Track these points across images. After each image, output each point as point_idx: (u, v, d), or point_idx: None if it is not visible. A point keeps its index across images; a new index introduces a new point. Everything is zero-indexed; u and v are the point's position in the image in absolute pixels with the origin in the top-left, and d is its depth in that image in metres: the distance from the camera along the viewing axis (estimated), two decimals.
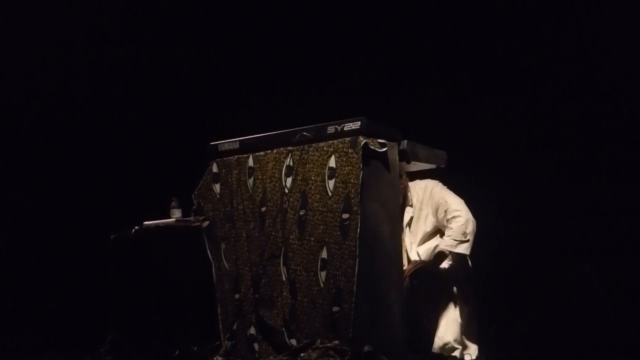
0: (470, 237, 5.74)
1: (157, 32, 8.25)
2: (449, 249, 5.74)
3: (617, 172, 6.89)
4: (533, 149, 7.11)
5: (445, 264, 5.78)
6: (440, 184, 5.94)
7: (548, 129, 7.10)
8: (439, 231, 5.91)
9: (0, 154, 8.37)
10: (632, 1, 6.87)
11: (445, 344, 5.74)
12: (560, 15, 7.07)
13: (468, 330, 5.81)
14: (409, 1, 7.47)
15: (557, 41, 7.09)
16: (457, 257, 5.78)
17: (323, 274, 5.27)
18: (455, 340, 5.74)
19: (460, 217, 5.75)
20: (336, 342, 5.12)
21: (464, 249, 5.75)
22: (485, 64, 7.23)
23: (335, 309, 5.20)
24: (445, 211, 5.80)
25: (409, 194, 5.90)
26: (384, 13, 7.56)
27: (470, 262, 5.89)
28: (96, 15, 8.18)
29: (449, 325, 5.75)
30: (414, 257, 5.85)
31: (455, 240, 5.73)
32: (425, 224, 5.90)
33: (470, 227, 5.74)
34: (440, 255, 5.77)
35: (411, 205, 5.90)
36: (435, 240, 5.88)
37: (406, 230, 5.89)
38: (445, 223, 5.80)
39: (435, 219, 5.87)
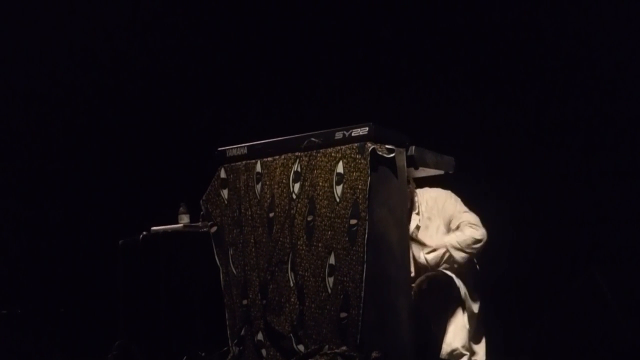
0: (473, 252, 5.72)
1: (166, 38, 8.27)
2: (448, 246, 5.71)
3: (627, 179, 6.88)
4: (543, 154, 7.10)
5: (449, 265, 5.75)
6: (454, 196, 5.89)
7: (558, 135, 7.09)
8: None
9: (10, 159, 8.39)
10: (632, 1, 6.87)
11: (453, 350, 5.73)
12: (572, 21, 7.07)
13: (476, 336, 5.80)
14: (418, 6, 7.46)
15: (567, 45, 7.08)
16: (464, 262, 5.76)
17: (331, 280, 5.26)
18: (463, 347, 5.73)
19: (477, 231, 5.71)
20: (344, 348, 5.12)
21: (460, 257, 5.72)
22: (494, 69, 7.22)
23: (343, 314, 5.19)
24: (461, 223, 5.76)
25: (416, 200, 5.88)
26: (392, 18, 7.56)
27: (477, 266, 5.87)
28: (107, 22, 8.20)
29: (457, 332, 5.74)
30: (422, 261, 5.81)
31: (459, 244, 5.70)
32: (437, 235, 5.86)
33: (480, 245, 5.71)
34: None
35: (418, 213, 5.87)
36: (443, 248, 5.85)
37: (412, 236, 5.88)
38: (456, 228, 5.78)
39: (447, 230, 5.84)
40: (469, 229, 5.74)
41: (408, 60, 7.47)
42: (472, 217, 5.78)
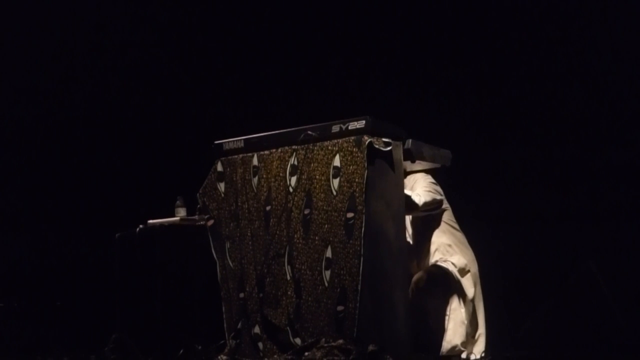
0: (425, 199, 5.67)
1: (163, 31, 8.26)
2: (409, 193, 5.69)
3: (624, 175, 6.89)
4: (541, 147, 7.11)
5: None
6: (429, 177, 5.88)
7: (555, 128, 7.10)
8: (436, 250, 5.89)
9: (6, 153, 8.38)
10: (632, 1, 6.88)
11: (454, 347, 5.73)
12: (570, 17, 7.07)
13: (474, 330, 5.81)
14: (413, 1, 7.47)
15: (566, 40, 7.08)
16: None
17: (328, 273, 5.26)
18: (462, 343, 5.74)
19: (418, 196, 5.69)
20: (340, 341, 5.12)
21: (416, 197, 5.68)
22: (490, 62, 7.22)
23: (339, 308, 5.19)
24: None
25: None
26: (389, 12, 7.55)
27: (473, 254, 5.87)
28: (106, 15, 8.19)
29: (456, 329, 5.74)
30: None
31: (420, 191, 5.69)
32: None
33: (411, 202, 5.65)
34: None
35: None
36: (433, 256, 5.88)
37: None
38: None
39: None
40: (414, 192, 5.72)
41: (405, 54, 7.46)
42: (423, 189, 5.76)
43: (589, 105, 7.00)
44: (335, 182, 5.30)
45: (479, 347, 5.81)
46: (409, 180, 5.87)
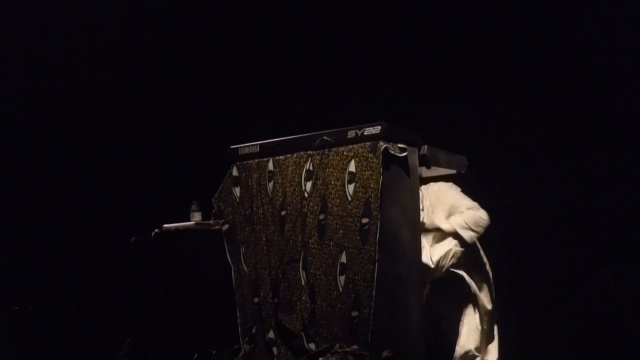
0: (479, 231, 5.71)
1: (180, 36, 8.28)
2: (457, 228, 5.70)
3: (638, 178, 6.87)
4: (554, 154, 7.09)
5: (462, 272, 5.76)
6: (455, 187, 5.89)
7: (570, 134, 7.08)
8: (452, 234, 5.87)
9: (22, 157, 8.41)
10: (632, 1, 6.86)
11: (467, 353, 5.72)
12: (583, 20, 7.06)
13: (488, 337, 5.80)
14: (429, 6, 7.46)
15: (579, 44, 7.07)
16: (470, 255, 5.76)
17: (342, 279, 5.27)
18: (476, 349, 5.73)
19: (479, 211, 5.71)
20: (355, 347, 5.12)
21: (468, 237, 5.70)
22: (507, 68, 7.21)
23: (354, 313, 5.19)
24: (460, 206, 5.78)
25: (420, 197, 5.86)
26: (405, 18, 7.55)
27: (488, 265, 5.86)
28: (121, 19, 8.22)
29: (470, 334, 5.73)
30: (426, 260, 5.79)
31: (466, 223, 5.69)
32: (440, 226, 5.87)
33: (485, 223, 5.69)
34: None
35: (422, 209, 5.85)
36: (448, 243, 5.83)
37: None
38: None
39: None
40: (471, 211, 5.74)
41: (421, 60, 7.46)
42: (471, 203, 5.80)
43: (610, 106, 6.97)
44: (351, 188, 5.30)
45: (492, 356, 5.80)
46: (431, 191, 5.87)
